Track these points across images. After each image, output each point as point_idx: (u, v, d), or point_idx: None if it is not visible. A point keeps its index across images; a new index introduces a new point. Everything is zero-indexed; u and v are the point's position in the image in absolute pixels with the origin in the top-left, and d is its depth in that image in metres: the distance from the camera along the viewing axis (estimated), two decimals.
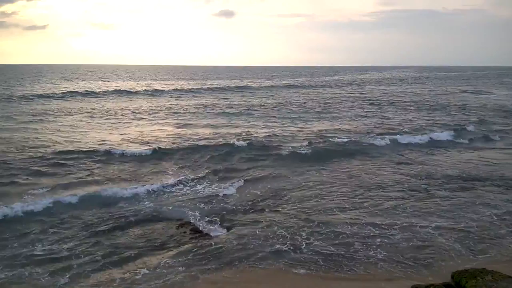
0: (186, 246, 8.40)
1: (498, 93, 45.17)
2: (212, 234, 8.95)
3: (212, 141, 18.21)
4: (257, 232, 9.00)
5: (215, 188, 11.91)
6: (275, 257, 7.91)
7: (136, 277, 7.15)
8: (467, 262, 7.55)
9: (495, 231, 9.11)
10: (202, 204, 10.62)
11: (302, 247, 8.31)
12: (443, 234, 8.92)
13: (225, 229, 9.22)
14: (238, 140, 18.05)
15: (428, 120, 25.52)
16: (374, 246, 8.37)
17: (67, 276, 7.13)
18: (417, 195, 11.54)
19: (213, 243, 8.47)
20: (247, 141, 17.72)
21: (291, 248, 8.26)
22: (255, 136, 19.39)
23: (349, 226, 9.34)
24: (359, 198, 11.30)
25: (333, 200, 11.18)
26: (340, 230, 9.13)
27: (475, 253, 8.10)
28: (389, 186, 12.41)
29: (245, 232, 9.01)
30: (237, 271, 7.44)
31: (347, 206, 10.70)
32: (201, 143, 17.64)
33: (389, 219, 9.76)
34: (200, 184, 12.21)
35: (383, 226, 9.35)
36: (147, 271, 7.33)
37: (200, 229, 9.18)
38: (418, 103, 34.94)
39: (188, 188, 11.85)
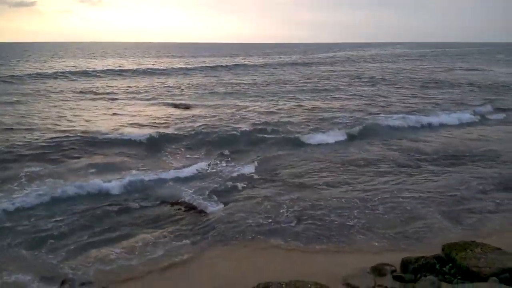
0: (180, 222, 8.50)
1: (497, 70, 44.89)
2: (207, 210, 9.03)
3: (210, 122, 17.54)
4: (250, 209, 9.12)
5: (216, 168, 11.81)
6: (266, 232, 8.04)
7: (128, 255, 7.23)
8: (457, 235, 7.70)
9: (484, 205, 9.29)
10: (199, 183, 10.60)
11: (294, 222, 8.44)
12: (433, 208, 9.09)
13: (222, 206, 9.28)
14: (236, 120, 17.83)
15: (427, 98, 25.32)
16: (364, 220, 8.53)
17: (63, 253, 7.20)
18: (407, 171, 11.70)
19: (206, 219, 8.59)
20: (245, 121, 17.56)
21: (282, 223, 8.39)
22: (252, 117, 19.04)
23: (340, 201, 9.50)
24: (351, 174, 11.45)
25: (326, 177, 11.31)
26: (331, 205, 9.27)
27: (465, 227, 8.28)
28: (381, 162, 12.54)
29: (239, 208, 9.13)
30: (227, 246, 7.57)
31: (339, 181, 10.91)
32: (200, 124, 17.06)
33: (380, 194, 9.91)
34: (200, 165, 11.97)
35: (373, 201, 9.52)
36: (139, 248, 7.42)
37: (195, 205, 9.24)
38: (418, 80, 34.37)
39: (189, 169, 11.59)
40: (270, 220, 8.52)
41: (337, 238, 7.82)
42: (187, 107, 21.83)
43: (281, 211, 8.99)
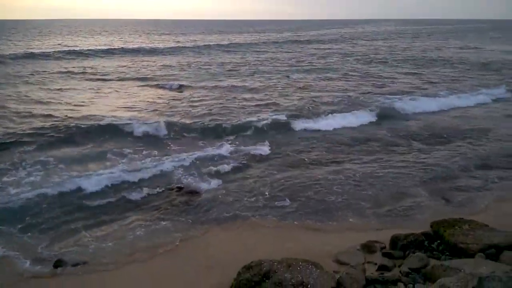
0: (173, 203, 8.54)
1: (490, 48, 44.57)
2: (200, 191, 9.06)
3: (206, 105, 16.94)
4: (244, 189, 9.20)
5: (213, 152, 11.55)
6: (259, 212, 8.12)
7: (121, 237, 7.28)
8: (446, 212, 7.83)
9: (473, 182, 9.44)
10: (195, 165, 10.53)
11: (286, 202, 8.53)
12: (422, 186, 9.23)
13: (215, 186, 9.31)
14: (232, 102, 17.49)
15: (418, 78, 25.16)
16: (354, 199, 8.65)
17: (54, 236, 7.22)
18: (398, 150, 11.82)
19: (200, 200, 8.65)
20: (241, 103, 17.36)
21: (274, 203, 8.48)
22: (247, 98, 18.58)
23: (332, 181, 9.59)
24: (341, 153, 11.54)
25: (317, 155, 11.39)
26: (321, 183, 9.39)
27: (454, 204, 8.42)
28: (371, 141, 12.62)
29: (233, 189, 9.21)
30: (220, 226, 7.65)
31: (329, 159, 11.10)
32: (196, 107, 16.60)
33: (369, 172, 10.03)
34: (198, 148, 11.87)
35: (363, 179, 9.63)
36: (132, 230, 7.48)
37: (189, 187, 9.25)
38: (410, 60, 33.51)
39: (186, 154, 11.32)
40: (262, 200, 8.60)
41: (328, 217, 7.93)
42: (180, 88, 20.99)
43: (273, 191, 9.06)
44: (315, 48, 42.48)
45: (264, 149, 11.68)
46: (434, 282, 4.87)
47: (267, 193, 8.96)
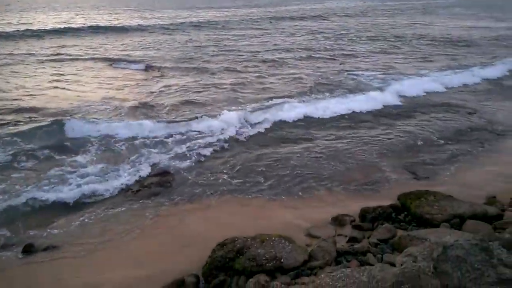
0: (146, 183, 8.46)
1: (459, 24, 44.85)
2: (173, 171, 8.99)
3: (185, 86, 16.09)
4: (217, 167, 9.21)
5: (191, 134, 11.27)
6: (232, 189, 8.18)
7: (92, 218, 7.18)
8: (412, 185, 8.11)
9: (438, 155, 9.78)
10: (171, 146, 10.41)
11: (260, 179, 8.61)
12: (389, 161, 9.49)
13: (189, 165, 9.27)
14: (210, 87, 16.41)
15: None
16: (324, 175, 8.80)
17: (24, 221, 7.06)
18: (366, 125, 12.05)
19: (173, 179, 8.62)
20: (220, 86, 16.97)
21: (248, 180, 8.54)
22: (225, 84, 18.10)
23: (301, 156, 9.74)
24: (314, 130, 11.68)
25: (290, 133, 11.50)
26: (294, 161, 9.48)
27: (419, 177, 8.71)
28: (343, 118, 12.78)
29: (207, 168, 9.20)
30: (194, 204, 7.67)
31: (300, 136, 11.19)
32: (171, 89, 15.76)
33: (339, 148, 10.21)
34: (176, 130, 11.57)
35: (333, 155, 9.81)
36: (104, 210, 7.41)
37: (163, 167, 9.18)
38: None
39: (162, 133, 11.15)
40: (236, 178, 8.63)
41: (300, 193, 8.06)
42: (147, 69, 19.23)
43: (246, 169, 9.10)
44: (289, 26, 41.37)
45: (232, 130, 11.52)
46: (401, 251, 5.06)
47: (240, 171, 9.00)
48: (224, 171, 9.02)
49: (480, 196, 7.54)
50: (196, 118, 12.12)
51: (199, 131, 11.29)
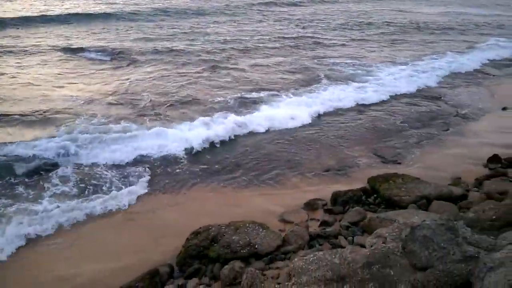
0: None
1: (428, 11, 45.35)
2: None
3: (155, 78, 16.04)
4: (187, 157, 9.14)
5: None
6: (204, 178, 8.16)
7: (63, 208, 7.02)
8: (382, 169, 8.32)
9: (406, 139, 10.05)
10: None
11: (231, 167, 8.62)
12: (358, 146, 9.69)
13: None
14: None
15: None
16: (296, 161, 8.91)
17: None
18: (336, 112, 12.22)
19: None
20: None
21: (220, 168, 8.54)
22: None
23: (273, 143, 9.85)
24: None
25: None
26: (266, 150, 9.53)
27: (388, 161, 8.93)
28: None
29: (180, 156, 9.11)
30: (166, 194, 7.61)
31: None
32: (141, 80, 15.54)
33: (310, 134, 10.34)
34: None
35: (304, 141, 9.94)
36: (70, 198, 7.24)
37: None
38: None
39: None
40: (209, 168, 8.59)
41: (272, 180, 8.11)
42: (114, 58, 17.61)
43: (218, 158, 9.07)
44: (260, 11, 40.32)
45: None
46: (371, 233, 5.21)
47: (212, 160, 8.96)
48: (197, 161, 8.94)
49: (446, 177, 7.83)
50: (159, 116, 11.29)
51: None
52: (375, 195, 7.07)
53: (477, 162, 8.56)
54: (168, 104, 12.03)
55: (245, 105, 12.24)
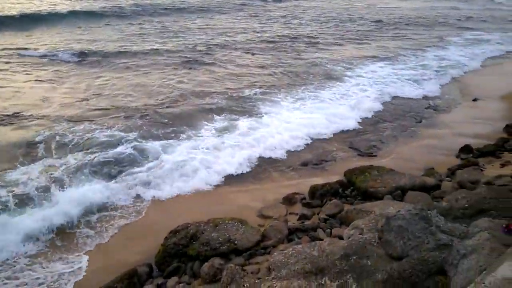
0: None
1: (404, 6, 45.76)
2: None
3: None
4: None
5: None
6: (184, 177, 8.07)
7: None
8: (357, 162, 8.44)
9: (380, 133, 10.22)
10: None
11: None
12: (334, 140, 9.80)
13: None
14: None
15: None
16: (278, 157, 8.94)
17: None
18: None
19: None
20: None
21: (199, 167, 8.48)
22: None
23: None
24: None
25: None
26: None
27: (364, 154, 9.06)
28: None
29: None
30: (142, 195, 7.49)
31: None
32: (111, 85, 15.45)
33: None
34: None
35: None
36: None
37: None
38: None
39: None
40: (185, 164, 8.49)
41: (251, 176, 8.12)
42: (81, 58, 16.10)
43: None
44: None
45: None
46: (348, 225, 5.29)
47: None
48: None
49: (419, 168, 8.02)
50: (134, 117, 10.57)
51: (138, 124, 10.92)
52: (351, 188, 7.17)
53: (450, 153, 8.79)
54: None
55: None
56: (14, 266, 5.54)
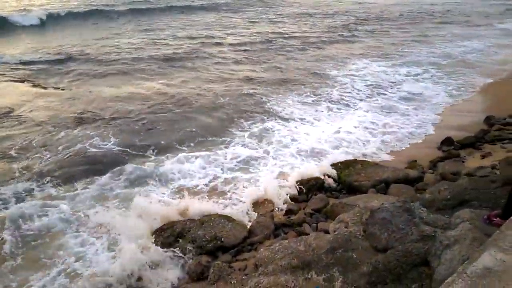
0: None
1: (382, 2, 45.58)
2: None
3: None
4: None
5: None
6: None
7: None
8: (343, 157, 8.49)
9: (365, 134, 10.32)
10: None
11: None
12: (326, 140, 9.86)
13: None
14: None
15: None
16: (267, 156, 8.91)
17: None
18: None
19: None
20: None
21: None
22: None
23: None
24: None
25: None
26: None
27: (349, 148, 9.12)
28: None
29: None
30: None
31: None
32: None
33: None
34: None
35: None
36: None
37: None
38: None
39: None
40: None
41: (239, 172, 8.07)
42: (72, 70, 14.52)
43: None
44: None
45: None
46: (334, 219, 5.34)
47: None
48: None
49: (402, 161, 8.12)
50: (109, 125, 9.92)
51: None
52: (336, 182, 7.22)
53: (431, 145, 8.92)
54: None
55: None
56: None
